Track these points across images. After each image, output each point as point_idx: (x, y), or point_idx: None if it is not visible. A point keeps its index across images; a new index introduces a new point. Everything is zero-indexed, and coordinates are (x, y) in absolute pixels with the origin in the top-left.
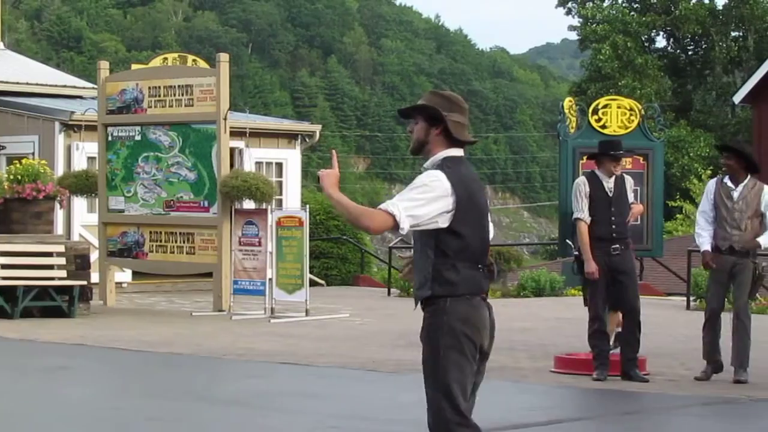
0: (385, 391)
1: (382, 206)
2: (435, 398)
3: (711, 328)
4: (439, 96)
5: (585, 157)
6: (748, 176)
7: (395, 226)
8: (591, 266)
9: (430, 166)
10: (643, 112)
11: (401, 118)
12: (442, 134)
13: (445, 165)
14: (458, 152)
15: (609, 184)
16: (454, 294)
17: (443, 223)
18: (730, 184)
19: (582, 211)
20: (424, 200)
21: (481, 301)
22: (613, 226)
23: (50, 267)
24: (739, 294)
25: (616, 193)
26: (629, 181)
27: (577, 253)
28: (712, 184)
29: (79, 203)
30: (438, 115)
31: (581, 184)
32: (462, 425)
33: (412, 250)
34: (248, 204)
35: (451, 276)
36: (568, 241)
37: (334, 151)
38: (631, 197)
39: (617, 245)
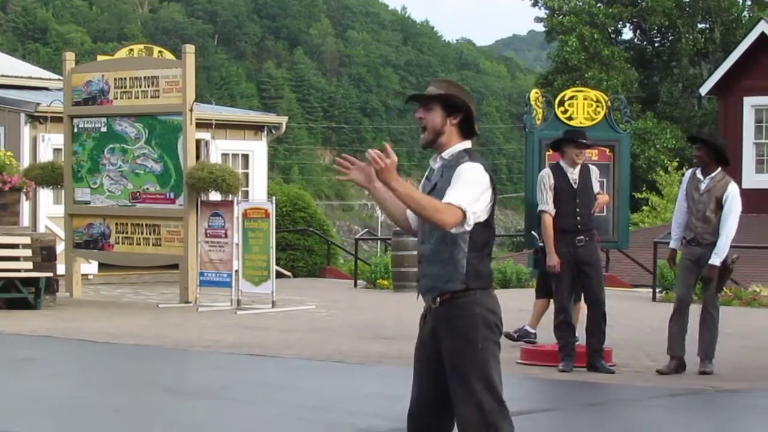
0: (352, 383)
1: (451, 201)
2: (474, 391)
3: (678, 319)
4: (455, 86)
5: (549, 150)
6: (719, 168)
7: (462, 223)
8: (553, 259)
9: (451, 157)
10: (609, 103)
11: (409, 103)
12: (459, 125)
13: (474, 157)
14: (470, 144)
15: (573, 175)
16: (485, 287)
17: (483, 216)
18: (699, 175)
19: (546, 204)
20: (478, 194)
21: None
22: (578, 218)
23: (16, 259)
24: (706, 286)
25: (581, 185)
26: (594, 172)
27: (542, 244)
28: (687, 174)
29: (45, 195)
30: (461, 104)
31: (546, 176)
32: (506, 416)
33: (420, 242)
34: (214, 196)
35: (482, 269)
36: (533, 232)
37: (387, 144)
38: (596, 187)
39: (582, 237)
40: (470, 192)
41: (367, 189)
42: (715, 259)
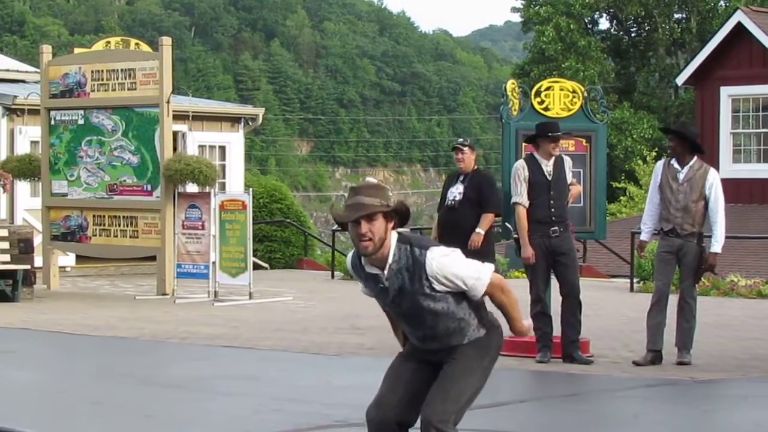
0: (328, 375)
1: (484, 278)
2: (462, 398)
3: (658, 312)
4: (381, 189)
5: (524, 144)
6: (695, 157)
7: None
8: (527, 251)
9: (399, 257)
10: (585, 94)
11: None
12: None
13: (407, 236)
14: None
15: (548, 167)
16: (497, 326)
17: None
18: (676, 165)
19: (520, 196)
20: (467, 261)
21: None
22: (552, 210)
23: None
24: (684, 276)
25: (555, 176)
26: (568, 162)
27: (516, 236)
28: (659, 166)
29: (22, 187)
30: (400, 209)
31: (520, 168)
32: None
33: None
34: (191, 187)
35: (486, 314)
36: (507, 224)
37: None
38: (569, 177)
39: (556, 227)
40: (470, 264)
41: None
42: (716, 247)
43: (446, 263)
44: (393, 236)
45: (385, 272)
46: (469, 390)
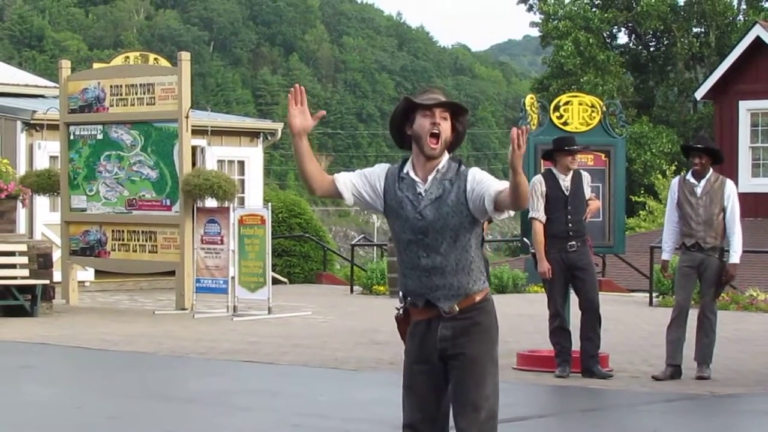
0: (347, 389)
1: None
2: (487, 396)
3: (678, 327)
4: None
5: (542, 160)
6: (710, 170)
7: None
8: (543, 266)
9: (446, 169)
10: (604, 108)
11: (431, 108)
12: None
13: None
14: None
15: (566, 182)
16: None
17: None
18: (693, 180)
19: (537, 211)
20: None
21: None
22: (569, 225)
23: (12, 266)
24: (704, 291)
25: (573, 191)
26: (586, 178)
27: (533, 251)
28: (675, 183)
29: (42, 202)
30: (464, 120)
31: (537, 183)
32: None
33: (432, 249)
34: (210, 202)
35: (482, 265)
36: (525, 239)
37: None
38: (588, 193)
39: (574, 242)
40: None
41: (295, 134)
42: (735, 257)
43: (485, 175)
44: (445, 154)
45: (429, 180)
46: (492, 390)
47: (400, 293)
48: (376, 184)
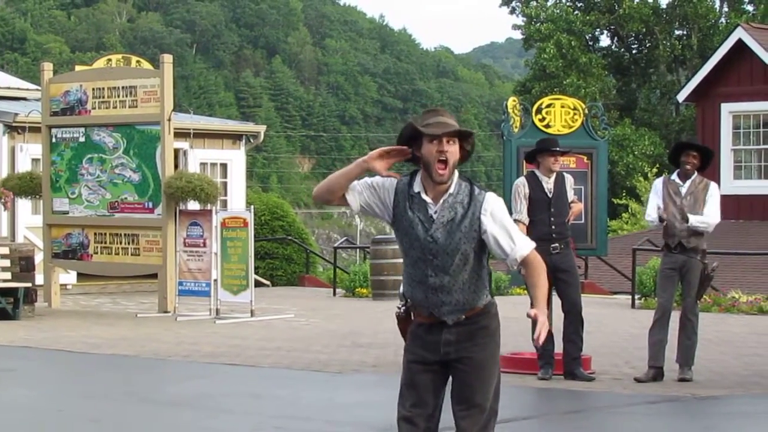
0: (330, 392)
1: (525, 252)
2: (488, 398)
3: (660, 329)
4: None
5: (525, 162)
6: (695, 172)
7: None
8: None
9: (457, 191)
10: (586, 111)
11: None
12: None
13: (474, 182)
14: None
15: (549, 184)
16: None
17: None
18: (678, 180)
19: (520, 213)
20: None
21: None
22: (553, 227)
23: None
24: (687, 293)
25: (556, 193)
26: (569, 180)
27: None
28: (659, 183)
29: (24, 205)
30: (471, 143)
31: (520, 185)
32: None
33: (441, 271)
34: (193, 205)
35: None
36: None
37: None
38: (570, 195)
39: (557, 244)
40: (516, 228)
41: (369, 168)
42: (694, 220)
43: (501, 208)
44: (455, 173)
45: (440, 202)
46: (495, 390)
47: (402, 293)
48: (385, 198)
